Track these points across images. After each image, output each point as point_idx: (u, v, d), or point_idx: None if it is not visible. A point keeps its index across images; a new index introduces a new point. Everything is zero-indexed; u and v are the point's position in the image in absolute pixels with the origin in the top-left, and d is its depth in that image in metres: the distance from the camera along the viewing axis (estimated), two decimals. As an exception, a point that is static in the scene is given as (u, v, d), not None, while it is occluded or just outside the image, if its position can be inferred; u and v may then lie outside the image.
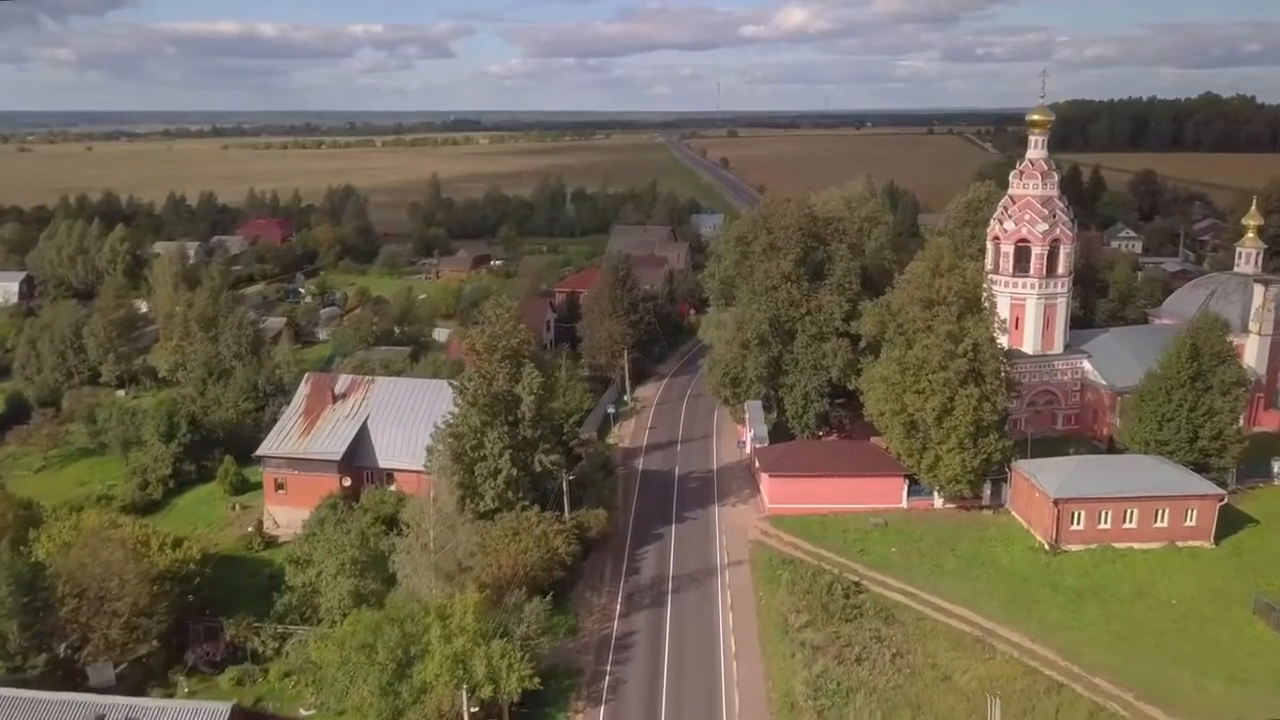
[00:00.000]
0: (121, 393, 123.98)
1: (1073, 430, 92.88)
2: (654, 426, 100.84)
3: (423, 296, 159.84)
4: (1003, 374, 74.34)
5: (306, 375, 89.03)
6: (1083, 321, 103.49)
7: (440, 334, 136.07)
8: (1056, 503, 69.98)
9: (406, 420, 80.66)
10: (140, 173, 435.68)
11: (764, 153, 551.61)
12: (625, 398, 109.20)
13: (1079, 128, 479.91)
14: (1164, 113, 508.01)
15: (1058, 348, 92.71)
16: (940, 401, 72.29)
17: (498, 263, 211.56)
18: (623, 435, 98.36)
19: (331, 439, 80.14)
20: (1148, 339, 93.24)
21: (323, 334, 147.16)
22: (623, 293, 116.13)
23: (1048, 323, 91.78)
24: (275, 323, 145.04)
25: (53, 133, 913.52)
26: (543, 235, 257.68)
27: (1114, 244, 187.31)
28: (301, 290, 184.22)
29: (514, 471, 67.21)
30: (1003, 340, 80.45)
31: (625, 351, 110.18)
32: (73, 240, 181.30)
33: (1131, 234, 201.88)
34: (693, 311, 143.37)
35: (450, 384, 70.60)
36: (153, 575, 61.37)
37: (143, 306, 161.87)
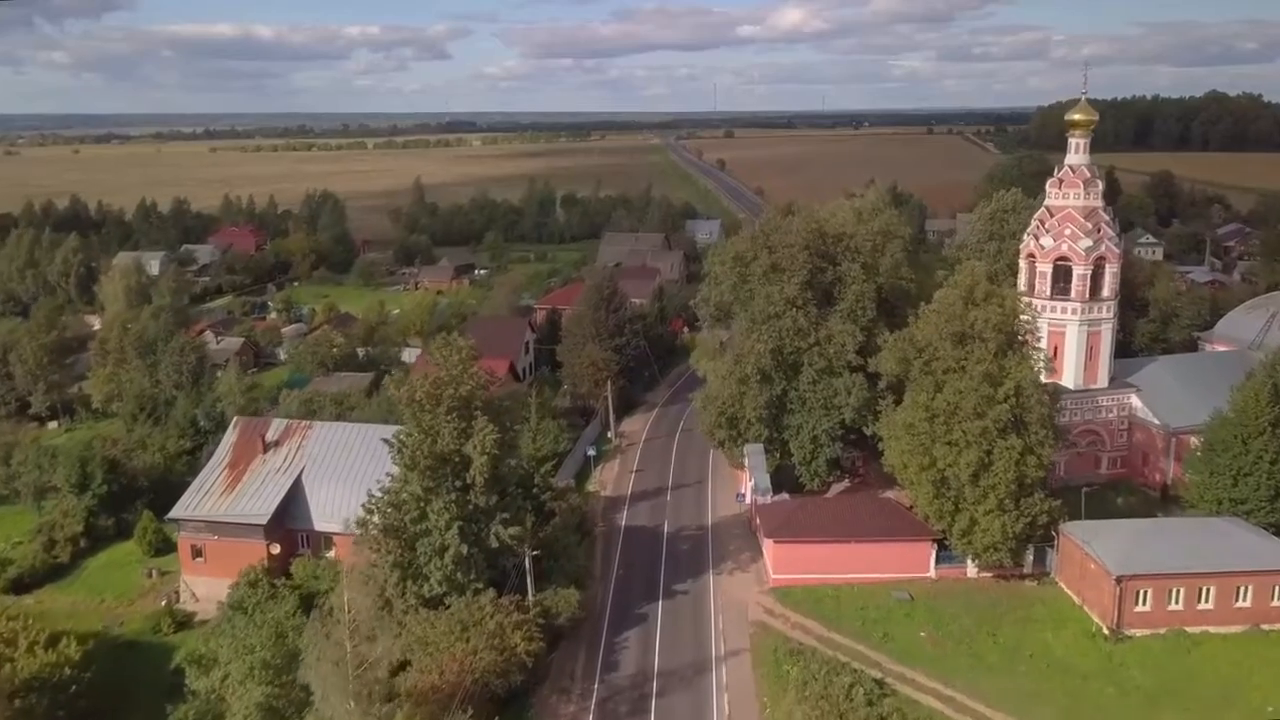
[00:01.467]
0: (55, 424, 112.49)
1: (1119, 475, 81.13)
2: (640, 469, 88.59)
3: (395, 312, 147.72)
4: (1049, 422, 62.77)
5: (235, 419, 77.00)
6: (1122, 347, 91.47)
7: (410, 355, 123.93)
8: (1119, 580, 58.28)
9: (348, 474, 68.75)
10: (123, 176, 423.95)
11: (762, 154, 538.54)
12: (609, 434, 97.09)
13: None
14: (1170, 111, 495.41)
15: (1102, 381, 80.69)
16: (976, 455, 60.68)
17: (482, 271, 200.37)
18: (604, 481, 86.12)
19: (258, 498, 68.20)
20: (1203, 369, 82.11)
21: (284, 355, 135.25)
22: (607, 314, 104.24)
23: (1091, 352, 79.79)
24: (232, 343, 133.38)
25: (43, 135, 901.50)
26: (531, 241, 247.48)
27: (1134, 251, 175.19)
28: (270, 304, 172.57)
29: (464, 549, 55.27)
30: (1044, 377, 68.53)
31: (609, 381, 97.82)
32: (22, 251, 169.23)
33: (1152, 239, 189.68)
34: (686, 329, 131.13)
35: (384, 440, 58.48)
36: (14, 687, 49.98)
37: (96, 324, 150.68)
